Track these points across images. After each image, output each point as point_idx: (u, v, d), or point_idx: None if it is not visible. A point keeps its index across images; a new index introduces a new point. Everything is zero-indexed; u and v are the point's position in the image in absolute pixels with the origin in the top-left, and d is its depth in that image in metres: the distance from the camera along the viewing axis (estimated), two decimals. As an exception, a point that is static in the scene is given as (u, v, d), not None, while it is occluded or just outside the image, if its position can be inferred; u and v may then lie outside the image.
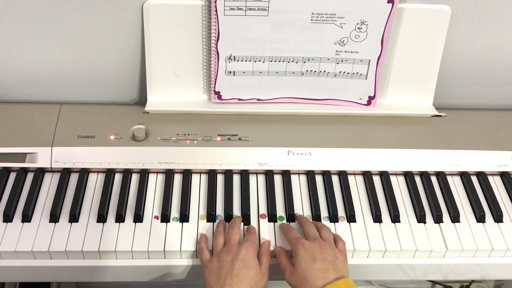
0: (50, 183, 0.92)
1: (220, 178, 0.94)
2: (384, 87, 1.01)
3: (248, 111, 1.00)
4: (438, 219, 0.90)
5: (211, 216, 0.87)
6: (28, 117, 0.98)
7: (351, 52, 0.95)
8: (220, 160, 0.94)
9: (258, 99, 1.00)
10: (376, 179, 0.96)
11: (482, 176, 0.97)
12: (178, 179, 0.94)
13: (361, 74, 0.97)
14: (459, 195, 0.94)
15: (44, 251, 0.82)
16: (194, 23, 0.92)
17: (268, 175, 0.94)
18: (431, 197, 0.92)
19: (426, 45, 0.96)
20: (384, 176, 0.95)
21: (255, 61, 0.95)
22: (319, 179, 0.95)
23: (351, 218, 0.89)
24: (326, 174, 0.95)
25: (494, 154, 0.97)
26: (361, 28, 0.92)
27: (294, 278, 0.77)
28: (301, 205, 0.91)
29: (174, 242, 0.84)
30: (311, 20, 0.91)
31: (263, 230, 0.86)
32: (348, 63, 0.96)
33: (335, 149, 0.96)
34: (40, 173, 0.92)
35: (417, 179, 0.96)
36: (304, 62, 0.96)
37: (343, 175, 0.95)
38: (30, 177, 0.92)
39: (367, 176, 0.95)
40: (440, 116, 1.03)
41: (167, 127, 0.97)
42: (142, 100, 1.06)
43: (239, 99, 1.00)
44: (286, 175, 0.94)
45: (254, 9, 0.89)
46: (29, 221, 0.86)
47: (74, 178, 0.92)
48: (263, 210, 0.90)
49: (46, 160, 0.92)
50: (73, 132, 0.95)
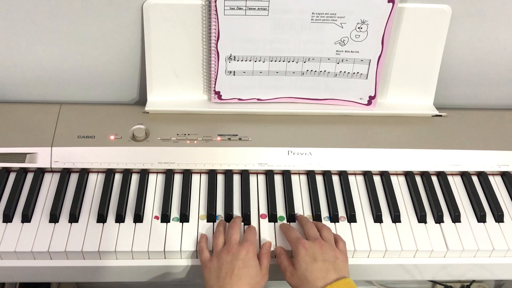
0: (50, 183, 0.91)
1: (220, 178, 0.94)
2: (385, 87, 1.01)
3: (248, 111, 1.00)
4: (438, 219, 0.90)
5: (211, 216, 0.87)
6: (28, 117, 0.97)
7: (351, 52, 0.95)
8: (220, 160, 0.94)
9: (258, 99, 1.00)
10: (377, 179, 0.95)
11: (483, 176, 0.97)
12: (178, 179, 0.93)
13: (361, 74, 0.97)
14: (459, 195, 0.94)
15: (44, 252, 0.82)
16: (194, 23, 0.92)
17: (269, 175, 0.94)
18: (432, 197, 0.92)
19: (427, 44, 0.96)
20: (385, 176, 0.95)
21: (255, 61, 0.95)
22: (319, 179, 0.95)
23: (351, 218, 0.89)
24: (327, 174, 0.95)
25: (495, 154, 0.97)
26: (361, 28, 0.92)
27: (294, 278, 0.77)
28: (302, 205, 0.91)
29: (174, 242, 0.84)
30: (311, 19, 0.90)
31: (264, 230, 0.86)
32: (349, 63, 0.96)
33: (336, 149, 0.95)
34: (40, 173, 0.92)
35: (418, 179, 0.96)
36: (305, 62, 0.96)
37: (343, 175, 0.95)
38: (30, 177, 0.92)
39: (367, 176, 0.95)
40: (440, 116, 1.03)
41: (167, 127, 0.96)
42: (142, 100, 1.06)
43: (239, 99, 1.00)
44: (286, 175, 0.94)
45: (254, 9, 0.89)
46: (29, 221, 0.86)
47: (74, 178, 0.92)
48: (264, 210, 0.90)
49: (46, 160, 0.92)
50: (73, 132, 0.95)
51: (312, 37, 0.92)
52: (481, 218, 0.90)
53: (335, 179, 0.95)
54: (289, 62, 0.96)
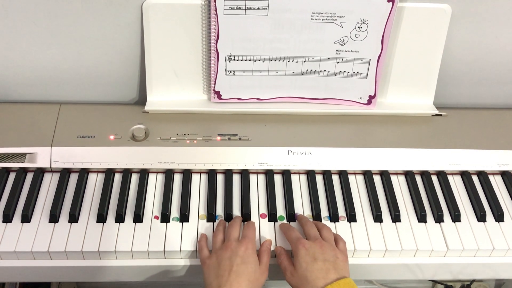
0: (49, 183, 0.91)
1: (220, 178, 0.94)
2: (385, 86, 1.01)
3: (248, 111, 1.00)
4: (438, 219, 0.89)
5: (211, 216, 0.87)
6: (27, 117, 0.97)
7: (351, 51, 0.94)
8: (220, 160, 0.94)
9: (258, 99, 1.00)
10: (377, 179, 0.95)
11: (483, 176, 0.97)
12: (178, 179, 0.93)
13: (361, 73, 0.97)
14: (460, 195, 0.94)
15: (44, 251, 0.82)
16: (193, 23, 0.92)
17: (268, 174, 0.94)
18: (432, 197, 0.92)
19: (427, 44, 0.96)
20: (385, 175, 0.95)
21: (255, 61, 0.95)
22: (319, 179, 0.95)
23: (351, 217, 0.89)
24: (327, 174, 0.95)
25: (495, 153, 0.97)
26: (361, 27, 0.91)
27: (295, 278, 0.77)
28: (302, 204, 0.91)
29: (174, 242, 0.84)
30: (311, 19, 0.90)
31: (264, 230, 0.86)
32: (348, 62, 0.96)
33: (336, 148, 0.95)
34: (39, 173, 0.92)
35: (418, 179, 0.96)
36: (304, 62, 0.96)
37: (343, 175, 0.95)
38: (29, 177, 0.92)
39: (367, 175, 0.95)
40: (440, 115, 1.03)
41: (167, 127, 0.96)
42: (142, 99, 1.06)
43: (239, 99, 1.00)
44: (286, 174, 0.94)
45: (253, 9, 0.89)
46: (28, 221, 0.85)
47: (73, 178, 0.92)
48: (263, 209, 0.90)
49: (46, 160, 0.92)
50: (73, 132, 0.95)
51: (312, 37, 0.92)
52: (481, 217, 0.90)
53: (335, 178, 0.95)
54: (288, 61, 0.95)
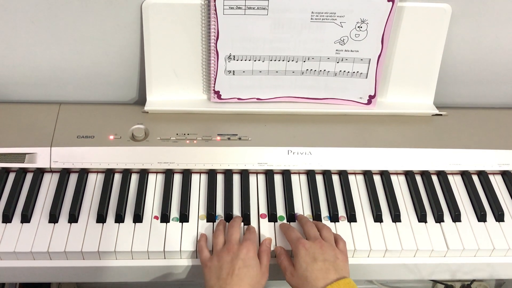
0: (49, 184, 0.91)
1: (220, 178, 0.94)
2: (385, 86, 1.01)
3: (248, 111, 1.00)
4: (439, 219, 0.89)
5: (211, 216, 0.87)
6: (27, 117, 0.97)
7: (351, 51, 0.94)
8: (220, 159, 0.94)
9: (258, 99, 1.00)
10: (377, 179, 0.95)
11: (483, 175, 0.97)
12: (177, 179, 0.93)
13: (361, 73, 0.97)
14: (460, 194, 0.94)
15: (44, 252, 0.82)
16: (193, 23, 0.92)
17: (268, 174, 0.94)
18: (432, 197, 0.92)
19: (427, 43, 0.96)
20: (385, 175, 0.95)
21: (254, 61, 0.95)
22: (319, 179, 0.95)
23: (351, 217, 0.88)
24: (327, 174, 0.94)
25: (495, 153, 0.97)
26: (361, 27, 0.91)
27: (295, 278, 0.77)
28: (302, 204, 0.91)
29: (174, 242, 0.84)
30: (311, 19, 0.90)
31: (264, 230, 0.86)
32: (348, 62, 0.96)
33: (336, 148, 0.95)
34: (39, 173, 0.92)
35: (418, 179, 0.96)
36: (304, 61, 0.96)
37: (343, 175, 0.94)
38: (29, 177, 0.92)
39: (367, 175, 0.95)
40: (441, 115, 1.02)
41: (167, 126, 0.96)
42: (141, 99, 1.06)
43: (238, 99, 1.00)
44: (286, 174, 0.94)
45: (253, 8, 0.89)
46: (28, 221, 0.85)
47: (73, 178, 0.92)
48: (263, 210, 0.89)
49: (45, 160, 0.92)
50: (72, 132, 0.95)
51: (312, 37, 0.92)
52: (481, 217, 0.90)
53: (335, 178, 0.95)
54: (288, 61, 0.95)
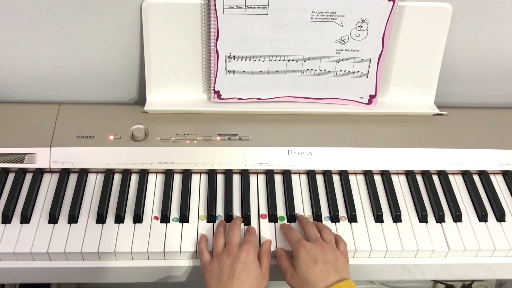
0: (49, 184, 0.91)
1: (220, 178, 0.93)
2: (385, 85, 1.01)
3: (248, 111, 1.00)
4: (440, 219, 0.89)
5: (211, 217, 0.87)
6: (26, 117, 0.97)
7: (351, 50, 0.94)
8: (220, 160, 0.93)
9: (258, 99, 1.00)
10: (378, 179, 0.95)
11: (484, 175, 0.96)
12: (177, 179, 0.93)
13: (362, 72, 0.97)
14: (461, 194, 0.94)
15: (43, 253, 0.81)
16: (193, 22, 0.92)
17: (269, 175, 0.93)
18: (433, 197, 0.92)
19: (428, 43, 0.96)
20: (386, 175, 0.95)
21: (255, 60, 0.95)
22: (319, 179, 0.94)
23: (352, 218, 0.88)
24: (327, 174, 0.94)
25: (497, 153, 0.97)
26: (361, 27, 0.91)
27: (295, 280, 0.76)
28: (302, 205, 0.90)
29: (174, 243, 0.83)
30: (311, 18, 0.90)
31: (264, 231, 0.86)
32: (349, 61, 0.95)
33: (336, 148, 0.95)
34: (39, 173, 0.92)
35: (419, 178, 0.96)
36: (305, 61, 0.95)
37: (344, 175, 0.94)
38: (28, 177, 0.92)
39: (368, 175, 0.95)
40: (441, 114, 1.02)
41: (167, 127, 0.96)
42: (141, 99, 1.06)
43: (239, 99, 0.99)
44: (286, 174, 0.93)
45: (253, 8, 0.88)
46: (28, 222, 0.85)
47: (73, 179, 0.92)
48: (264, 210, 0.89)
49: (45, 160, 0.92)
50: (72, 132, 0.94)
51: (312, 36, 0.92)
52: (482, 217, 0.90)
53: (336, 178, 0.95)
54: (289, 61, 0.95)
